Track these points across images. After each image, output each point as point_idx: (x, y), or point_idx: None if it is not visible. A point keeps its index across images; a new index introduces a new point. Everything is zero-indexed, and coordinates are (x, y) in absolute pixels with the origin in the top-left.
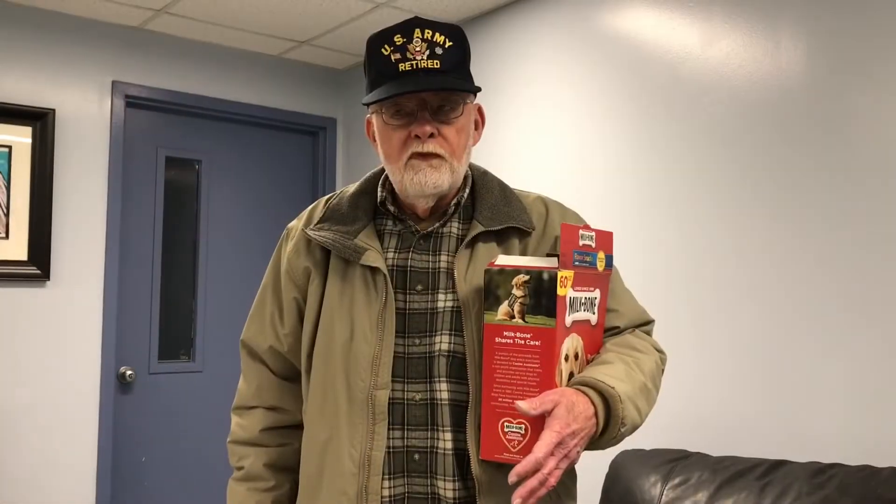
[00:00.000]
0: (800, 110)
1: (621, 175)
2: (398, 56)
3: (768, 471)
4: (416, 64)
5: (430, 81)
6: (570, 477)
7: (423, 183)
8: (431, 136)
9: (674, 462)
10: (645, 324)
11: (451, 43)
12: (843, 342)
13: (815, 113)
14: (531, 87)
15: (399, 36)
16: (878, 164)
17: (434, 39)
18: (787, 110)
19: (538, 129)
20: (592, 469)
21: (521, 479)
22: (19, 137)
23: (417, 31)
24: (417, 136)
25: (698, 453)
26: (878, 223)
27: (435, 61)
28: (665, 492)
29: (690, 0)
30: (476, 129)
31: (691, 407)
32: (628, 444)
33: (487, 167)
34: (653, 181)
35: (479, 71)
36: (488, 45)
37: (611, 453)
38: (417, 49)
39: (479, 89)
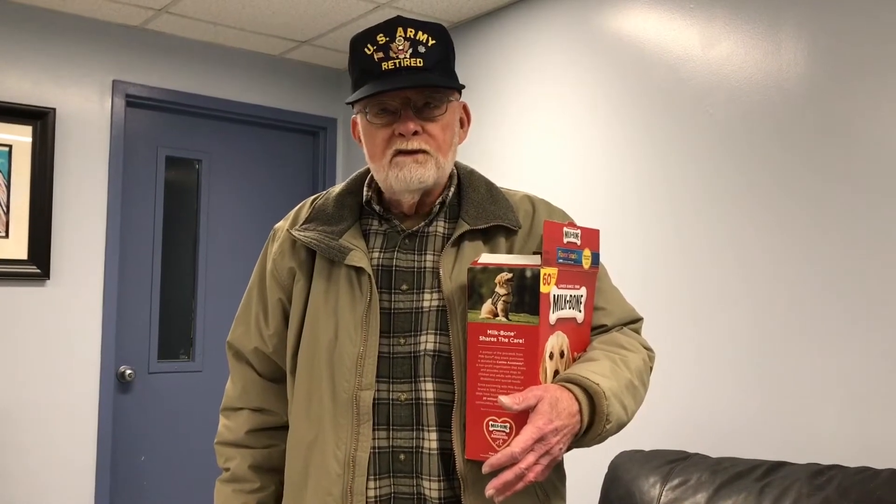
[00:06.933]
0: (800, 111)
1: (621, 176)
2: (381, 55)
3: (767, 472)
4: (400, 62)
5: (413, 79)
6: (558, 476)
7: (408, 179)
8: (416, 133)
9: (673, 463)
10: (633, 321)
11: (434, 41)
12: (843, 343)
13: (815, 114)
14: (531, 89)
15: (382, 35)
16: (877, 166)
17: (417, 38)
18: (788, 111)
19: (538, 130)
20: (591, 470)
21: (496, 471)
22: (20, 136)
23: (400, 29)
24: (401, 135)
25: (698, 454)
26: (878, 225)
27: (418, 59)
28: (664, 493)
29: (691, 1)
30: (462, 126)
31: (691, 408)
32: (627, 444)
33: (486, 168)
34: (652, 182)
35: (479, 72)
36: (489, 46)
37: (610, 454)
38: (400, 48)
39: (462, 87)
